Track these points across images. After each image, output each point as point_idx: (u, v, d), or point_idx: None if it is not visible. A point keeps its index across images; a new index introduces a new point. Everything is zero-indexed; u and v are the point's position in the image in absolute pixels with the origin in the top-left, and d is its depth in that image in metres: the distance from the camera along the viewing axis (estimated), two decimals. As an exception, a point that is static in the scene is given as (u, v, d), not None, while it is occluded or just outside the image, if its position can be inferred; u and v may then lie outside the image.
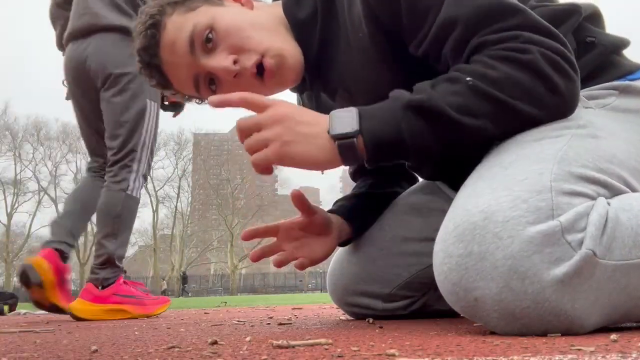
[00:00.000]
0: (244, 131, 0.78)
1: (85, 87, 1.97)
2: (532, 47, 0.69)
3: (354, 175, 1.27)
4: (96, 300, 1.84)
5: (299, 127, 0.75)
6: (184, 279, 28.31)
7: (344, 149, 0.73)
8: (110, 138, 1.94)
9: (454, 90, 0.70)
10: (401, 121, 0.70)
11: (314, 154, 0.75)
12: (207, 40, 0.86)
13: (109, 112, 1.93)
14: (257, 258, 0.98)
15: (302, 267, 0.99)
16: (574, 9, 0.84)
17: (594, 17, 0.88)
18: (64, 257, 1.87)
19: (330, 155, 0.74)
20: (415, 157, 0.73)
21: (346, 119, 0.73)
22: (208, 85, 0.90)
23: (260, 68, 0.87)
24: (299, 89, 1.03)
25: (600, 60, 0.83)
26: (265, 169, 0.77)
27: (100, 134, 2.00)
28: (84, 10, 1.92)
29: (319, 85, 0.97)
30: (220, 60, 0.86)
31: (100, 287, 1.85)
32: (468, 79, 0.70)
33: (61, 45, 2.08)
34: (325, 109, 1.03)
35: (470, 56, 0.75)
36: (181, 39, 0.86)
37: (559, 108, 0.71)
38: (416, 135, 0.70)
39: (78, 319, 1.79)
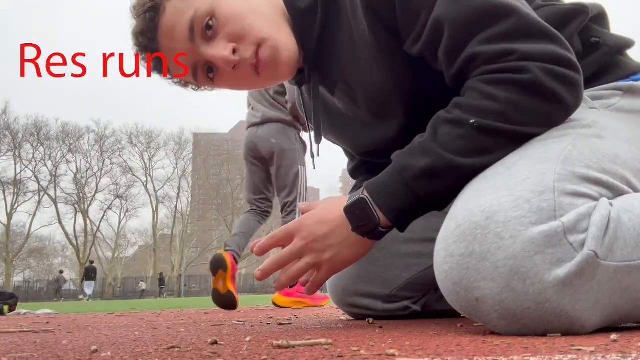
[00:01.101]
0: (282, 264, 0.84)
1: (255, 158, 3.14)
2: (530, 64, 0.67)
3: (353, 173, 1.27)
4: (287, 294, 2.88)
5: (329, 240, 0.81)
6: (161, 280, 29.20)
7: (375, 237, 0.79)
8: (281, 196, 3.08)
9: (460, 134, 0.69)
10: (417, 190, 0.72)
11: (354, 253, 0.83)
12: (207, 28, 0.84)
13: (277, 180, 3.08)
14: (262, 277, 0.85)
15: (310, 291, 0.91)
16: (581, 9, 0.83)
17: (600, 17, 0.87)
18: (235, 260, 2.77)
19: (365, 244, 0.82)
20: (438, 207, 0.75)
21: (362, 212, 0.76)
22: (206, 74, 0.89)
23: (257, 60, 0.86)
24: (298, 82, 1.02)
25: (604, 60, 0.83)
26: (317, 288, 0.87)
27: (261, 191, 3.18)
28: (255, 111, 3.16)
29: (317, 77, 0.95)
30: (220, 50, 0.84)
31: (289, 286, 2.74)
32: (472, 120, 0.68)
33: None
34: (323, 103, 1.02)
35: (463, 68, 0.73)
36: (181, 24, 0.84)
37: (566, 114, 0.71)
38: (433, 194, 0.72)
39: (279, 306, 2.86)
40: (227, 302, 2.63)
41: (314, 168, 1.12)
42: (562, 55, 0.68)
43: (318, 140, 1.02)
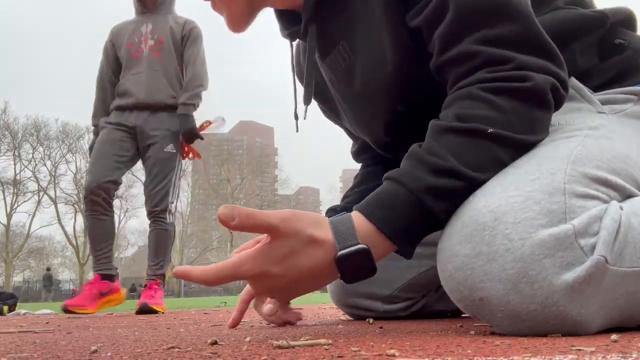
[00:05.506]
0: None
1: None
2: (529, 73, 0.66)
3: (356, 155, 1.21)
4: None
5: (300, 283, 0.67)
6: (132, 289, 30.05)
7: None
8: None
9: (474, 144, 0.64)
10: (434, 211, 0.63)
11: (324, 284, 0.71)
12: None
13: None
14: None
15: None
16: (602, 19, 0.80)
17: (628, 20, 0.84)
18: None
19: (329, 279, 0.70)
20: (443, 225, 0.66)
21: (363, 265, 0.66)
22: None
23: None
24: (290, 35, 0.91)
25: (627, 63, 0.80)
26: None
27: None
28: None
29: (315, 31, 0.86)
30: None
31: None
32: (490, 130, 0.64)
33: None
34: (316, 69, 0.93)
35: (456, 61, 0.70)
36: None
37: (549, 124, 0.69)
38: (447, 213, 0.64)
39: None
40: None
41: (297, 131, 0.99)
42: (554, 72, 0.68)
43: (307, 102, 0.92)
